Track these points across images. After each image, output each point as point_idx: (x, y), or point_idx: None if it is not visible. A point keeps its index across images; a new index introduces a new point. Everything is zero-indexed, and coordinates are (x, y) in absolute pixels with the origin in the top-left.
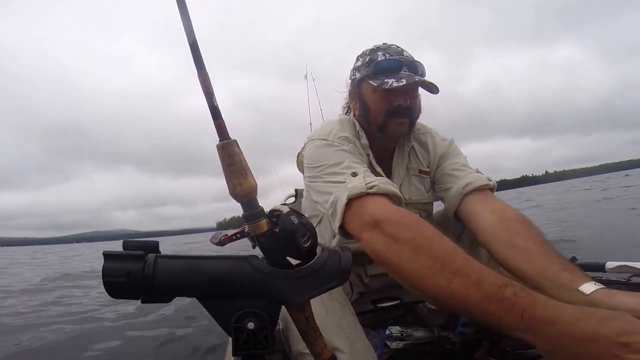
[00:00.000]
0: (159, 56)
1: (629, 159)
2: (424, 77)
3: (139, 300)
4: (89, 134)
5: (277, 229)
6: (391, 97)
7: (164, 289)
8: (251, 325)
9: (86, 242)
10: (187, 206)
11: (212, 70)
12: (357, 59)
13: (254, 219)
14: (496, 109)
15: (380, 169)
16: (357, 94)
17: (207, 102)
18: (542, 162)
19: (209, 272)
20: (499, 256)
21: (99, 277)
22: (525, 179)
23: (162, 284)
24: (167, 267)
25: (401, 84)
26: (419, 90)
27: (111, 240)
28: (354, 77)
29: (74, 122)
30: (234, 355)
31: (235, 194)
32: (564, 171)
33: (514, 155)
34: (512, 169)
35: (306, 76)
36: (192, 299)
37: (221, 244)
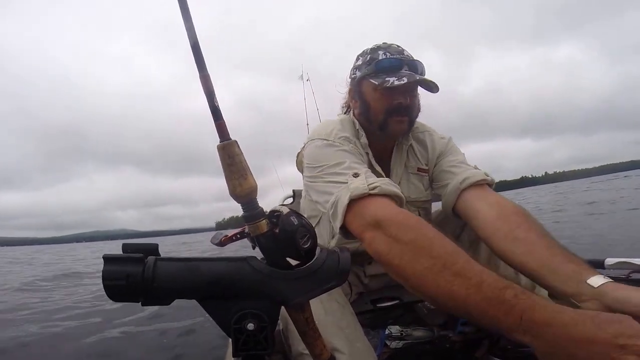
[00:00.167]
0: (159, 56)
1: (630, 160)
2: (424, 76)
3: (139, 302)
4: (90, 134)
5: (277, 230)
6: (391, 96)
7: (163, 292)
8: (251, 326)
9: (86, 241)
10: (187, 206)
11: (212, 70)
12: (358, 58)
13: (254, 220)
14: (497, 109)
15: (379, 167)
16: (357, 93)
17: (208, 102)
18: (543, 162)
19: (209, 274)
20: (500, 250)
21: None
22: (524, 180)
23: (161, 287)
24: (166, 269)
25: (402, 82)
26: (418, 89)
27: (111, 240)
28: (354, 76)
29: (74, 123)
30: (234, 356)
31: (235, 195)
32: (564, 172)
33: (515, 156)
34: (513, 170)
35: (302, 77)
36: (192, 300)
37: (222, 244)
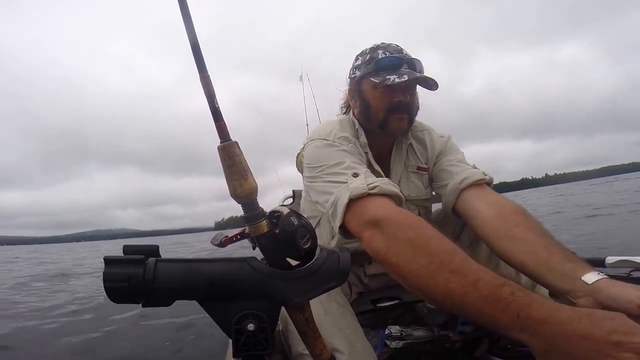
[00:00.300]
0: (159, 57)
1: (631, 162)
2: (424, 74)
3: (140, 304)
4: (90, 134)
5: (277, 230)
6: (392, 94)
7: (164, 293)
8: (251, 326)
9: (85, 241)
10: (187, 206)
11: (212, 70)
12: (357, 58)
13: (254, 220)
14: (497, 109)
15: (378, 167)
16: (357, 92)
17: (209, 104)
18: (544, 164)
19: (209, 275)
20: (499, 249)
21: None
22: (524, 182)
23: (162, 288)
24: (167, 270)
25: (403, 80)
26: (417, 88)
27: (111, 239)
28: (353, 75)
29: (75, 123)
30: (234, 356)
31: (235, 195)
32: (565, 174)
33: (515, 157)
34: (513, 171)
35: (301, 77)
36: (192, 301)
37: (222, 245)
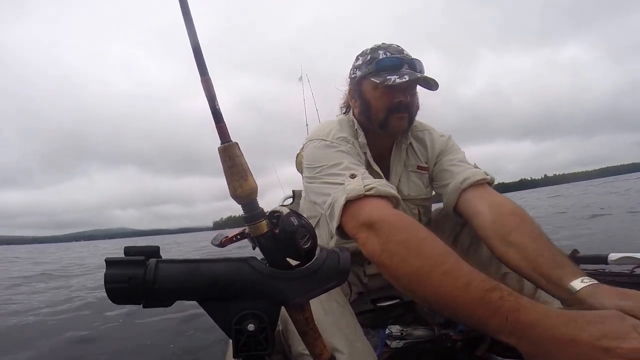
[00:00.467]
0: (160, 58)
1: (631, 162)
2: (424, 74)
3: (140, 305)
4: (91, 134)
5: (277, 230)
6: (392, 94)
7: (165, 293)
8: (251, 326)
9: (85, 240)
10: (186, 205)
11: (212, 70)
12: (357, 58)
13: (254, 220)
14: (498, 110)
15: (377, 167)
16: (357, 92)
17: (210, 105)
18: (544, 164)
19: (209, 275)
20: (497, 252)
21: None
22: (523, 183)
23: (163, 289)
24: (168, 271)
25: (404, 80)
26: (417, 88)
27: (110, 238)
28: (354, 75)
29: (76, 123)
30: (234, 357)
31: (235, 196)
32: (564, 174)
33: (514, 158)
34: (512, 172)
35: (301, 78)
36: (192, 301)
37: (222, 245)
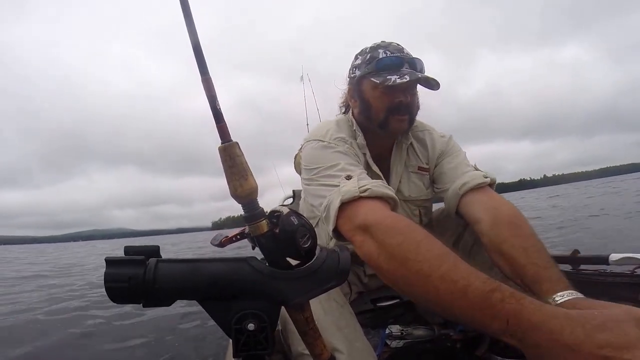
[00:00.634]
0: (160, 58)
1: (630, 163)
2: (424, 73)
3: (140, 304)
4: (91, 134)
5: (277, 230)
6: (392, 94)
7: (165, 293)
8: (251, 326)
9: (83, 240)
10: (185, 205)
11: (212, 70)
12: (356, 57)
13: (254, 220)
14: (498, 111)
15: (377, 167)
16: (357, 92)
17: (210, 105)
18: (543, 165)
19: (209, 275)
20: (492, 261)
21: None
22: (523, 183)
23: (163, 288)
24: (167, 270)
25: (404, 81)
26: (417, 87)
27: (109, 239)
28: (353, 75)
29: (75, 123)
30: (234, 356)
31: (236, 195)
32: (563, 175)
33: (514, 158)
34: (512, 172)
35: (302, 78)
36: (192, 300)
37: (222, 245)
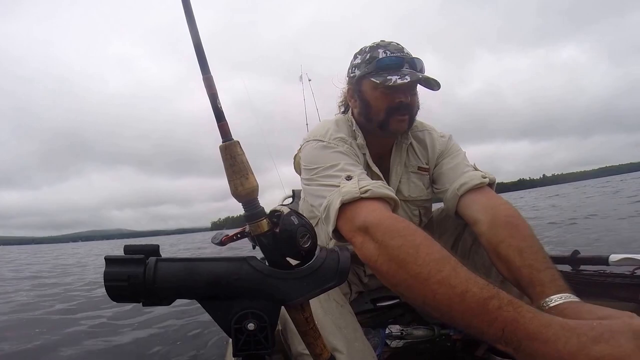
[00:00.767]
0: (159, 57)
1: (629, 162)
2: (424, 74)
3: (140, 303)
4: (89, 134)
5: (277, 229)
6: (393, 94)
7: (164, 292)
8: (251, 326)
9: (82, 241)
10: (184, 206)
11: (213, 70)
12: (356, 57)
13: (255, 219)
14: (496, 111)
15: (376, 168)
16: (357, 92)
17: (211, 104)
18: (542, 165)
19: (209, 274)
20: (491, 261)
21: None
22: (522, 182)
23: (162, 287)
24: (167, 270)
25: (405, 81)
26: (417, 87)
27: (108, 239)
28: (353, 74)
29: (74, 123)
30: (234, 356)
31: (236, 194)
32: (562, 174)
33: (513, 158)
34: (511, 172)
35: (301, 77)
36: (192, 300)
37: (222, 244)
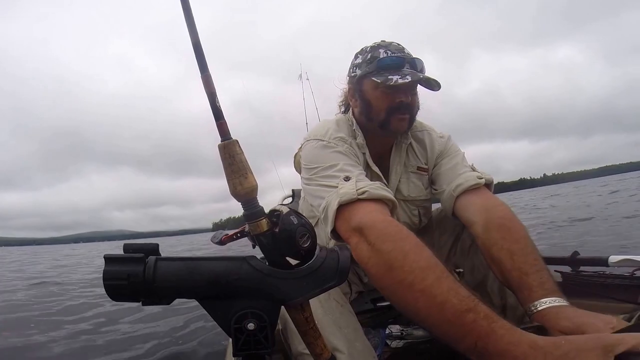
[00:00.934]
0: (159, 57)
1: (629, 162)
2: (425, 74)
3: (139, 302)
4: (89, 135)
5: (277, 229)
6: (394, 94)
7: (164, 291)
8: (251, 325)
9: (84, 242)
10: (185, 207)
11: (212, 70)
12: (357, 56)
13: (254, 219)
14: (495, 110)
15: (376, 167)
16: (357, 91)
17: (210, 102)
18: (543, 164)
19: (209, 273)
20: (487, 263)
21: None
22: (523, 182)
23: (162, 286)
24: (167, 269)
25: (406, 81)
26: (417, 88)
27: (109, 240)
28: (354, 74)
29: (73, 123)
30: (234, 356)
31: (235, 194)
32: (563, 174)
33: (513, 157)
34: (512, 172)
35: (300, 76)
36: (192, 299)
37: (222, 243)
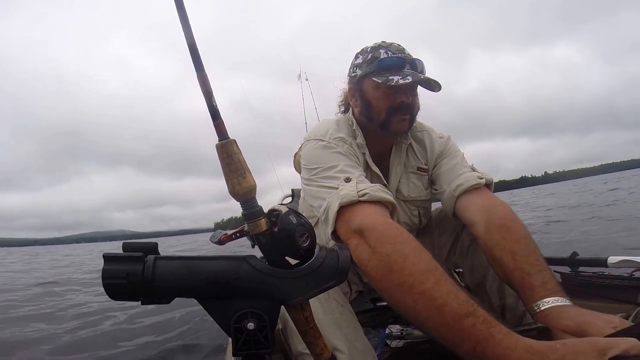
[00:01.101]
0: (157, 57)
1: (630, 159)
2: (425, 74)
3: (139, 302)
4: (89, 135)
5: (276, 229)
6: (394, 94)
7: (163, 290)
8: (251, 325)
9: (85, 242)
10: (186, 207)
11: (209, 70)
12: (357, 57)
13: (253, 218)
14: (494, 109)
15: (376, 168)
16: (358, 91)
17: (206, 102)
18: (544, 162)
19: (208, 273)
20: (489, 263)
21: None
22: (524, 180)
23: (161, 285)
24: (166, 268)
25: (407, 82)
26: (418, 88)
27: (111, 240)
28: (354, 74)
29: (73, 123)
30: (234, 355)
31: (234, 193)
32: (564, 172)
33: (513, 155)
34: (512, 170)
35: (299, 76)
36: (192, 299)
37: (221, 242)
